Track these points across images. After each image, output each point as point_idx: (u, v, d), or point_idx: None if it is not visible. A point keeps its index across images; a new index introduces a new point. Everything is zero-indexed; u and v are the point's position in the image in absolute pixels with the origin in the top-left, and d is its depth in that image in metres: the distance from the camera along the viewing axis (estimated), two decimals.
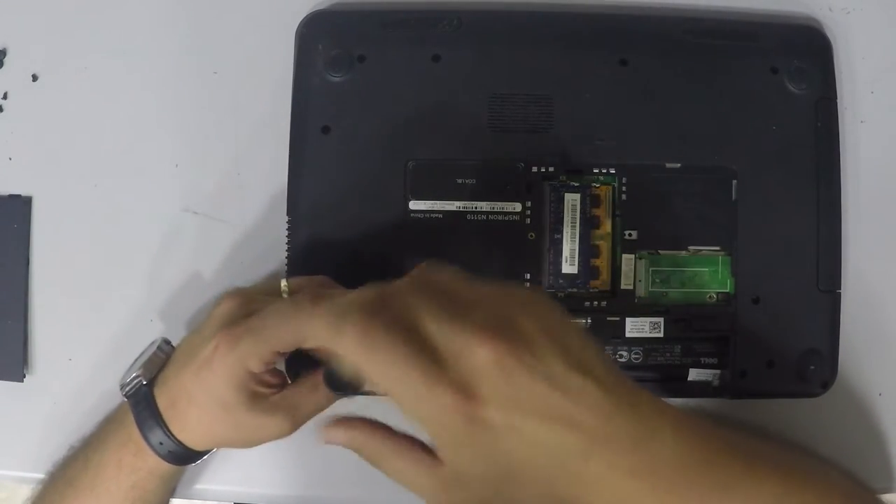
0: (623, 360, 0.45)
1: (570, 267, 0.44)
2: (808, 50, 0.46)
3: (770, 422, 0.47)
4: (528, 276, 0.44)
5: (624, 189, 0.45)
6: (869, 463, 0.47)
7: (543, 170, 0.45)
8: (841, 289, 0.45)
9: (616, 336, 0.45)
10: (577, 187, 0.45)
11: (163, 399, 0.40)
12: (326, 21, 0.46)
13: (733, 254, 0.45)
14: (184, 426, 0.40)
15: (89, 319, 0.47)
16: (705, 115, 0.45)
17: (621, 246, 0.45)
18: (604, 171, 0.45)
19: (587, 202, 0.45)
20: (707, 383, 0.45)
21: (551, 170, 0.45)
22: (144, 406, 0.40)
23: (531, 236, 0.45)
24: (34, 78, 0.48)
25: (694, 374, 0.45)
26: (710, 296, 0.45)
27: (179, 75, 0.48)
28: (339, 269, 0.43)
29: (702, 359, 0.45)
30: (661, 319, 0.45)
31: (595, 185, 0.45)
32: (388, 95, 0.45)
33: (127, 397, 0.41)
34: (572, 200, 0.45)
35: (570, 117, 0.45)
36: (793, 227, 0.45)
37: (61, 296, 0.47)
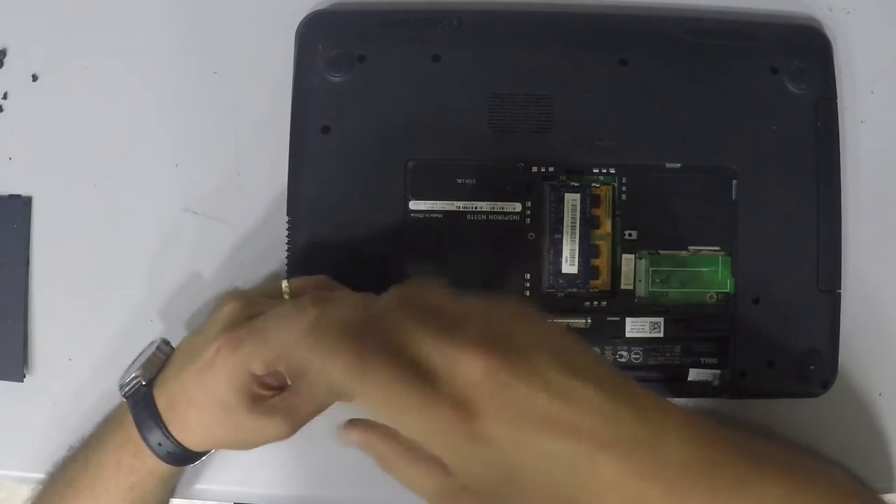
0: (623, 360, 0.45)
1: (570, 267, 0.44)
2: (808, 50, 0.46)
3: (770, 422, 0.47)
4: (528, 276, 0.44)
5: (624, 189, 0.45)
6: (869, 463, 0.47)
7: (543, 170, 0.45)
8: (841, 289, 0.45)
9: (616, 336, 0.45)
10: (577, 187, 0.45)
11: (162, 400, 0.40)
12: (326, 21, 0.46)
13: (733, 254, 0.45)
14: (183, 427, 0.40)
15: (89, 319, 0.47)
16: (705, 115, 0.45)
17: (621, 246, 0.45)
18: (604, 171, 0.45)
19: (587, 202, 0.45)
20: (707, 383, 0.45)
21: (551, 170, 0.45)
22: (143, 407, 0.40)
23: (531, 236, 0.44)
24: (34, 78, 0.48)
25: (694, 374, 0.45)
26: (710, 296, 0.45)
27: (179, 75, 0.48)
28: (340, 269, 0.43)
29: (702, 359, 0.45)
30: (661, 319, 0.45)
31: (595, 185, 0.45)
32: (388, 95, 0.45)
33: (126, 398, 0.41)
34: (572, 200, 0.45)
35: (570, 117, 0.45)
36: (793, 227, 0.45)
37: (61, 296, 0.47)
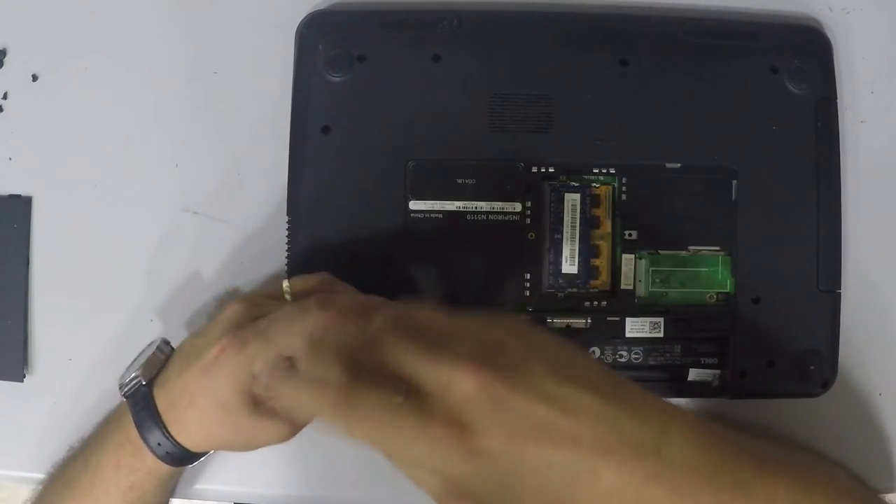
0: (623, 360, 0.45)
1: (570, 267, 0.44)
2: (808, 50, 0.46)
3: (770, 422, 0.47)
4: (528, 276, 0.44)
5: (624, 189, 0.45)
6: (869, 463, 0.47)
7: (543, 170, 0.45)
8: (841, 289, 0.45)
9: (616, 336, 0.45)
10: (577, 187, 0.45)
11: (162, 400, 0.40)
12: (326, 21, 0.46)
13: (733, 254, 0.45)
14: (182, 427, 0.40)
15: (89, 319, 0.47)
16: (705, 115, 0.45)
17: (621, 246, 0.45)
18: (604, 171, 0.45)
19: (587, 202, 0.45)
20: (707, 383, 0.45)
21: (551, 170, 0.45)
22: (143, 406, 0.40)
23: (531, 236, 0.44)
24: (34, 78, 0.48)
25: (694, 374, 0.45)
26: (710, 296, 0.45)
27: (179, 75, 0.48)
28: (340, 269, 0.43)
29: (702, 359, 0.45)
30: (661, 319, 0.45)
31: (595, 185, 0.45)
32: (388, 95, 0.45)
33: (126, 397, 0.41)
34: (572, 200, 0.45)
35: (570, 117, 0.45)
36: (793, 227, 0.45)
37: (61, 296, 0.47)
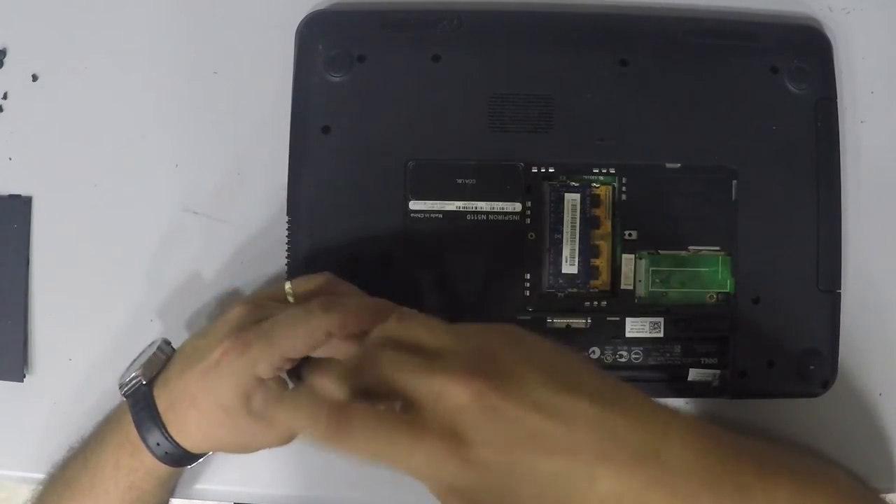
0: (623, 360, 0.45)
1: (570, 267, 0.44)
2: (808, 50, 0.46)
3: (770, 422, 0.47)
4: (528, 276, 0.44)
5: (624, 189, 0.45)
6: (869, 463, 0.47)
7: (543, 170, 0.45)
8: (841, 289, 0.45)
9: (616, 336, 0.45)
10: (577, 187, 0.45)
11: (162, 400, 0.40)
12: (326, 21, 0.46)
13: (733, 254, 0.45)
14: (182, 428, 0.40)
15: (89, 319, 0.47)
16: (705, 115, 0.45)
17: (621, 246, 0.45)
18: (604, 171, 0.45)
19: (587, 202, 0.45)
20: (707, 383, 0.45)
21: (551, 170, 0.45)
22: (143, 406, 0.40)
23: (531, 236, 0.44)
24: (34, 78, 0.48)
25: (694, 374, 0.45)
26: (710, 296, 0.45)
27: (179, 75, 0.48)
28: (340, 269, 0.43)
29: (702, 359, 0.45)
30: (661, 319, 0.45)
31: (595, 185, 0.45)
32: (388, 95, 0.45)
33: (126, 397, 0.41)
34: (572, 200, 0.45)
35: (570, 117, 0.45)
36: (793, 227, 0.45)
37: (61, 296, 0.47)
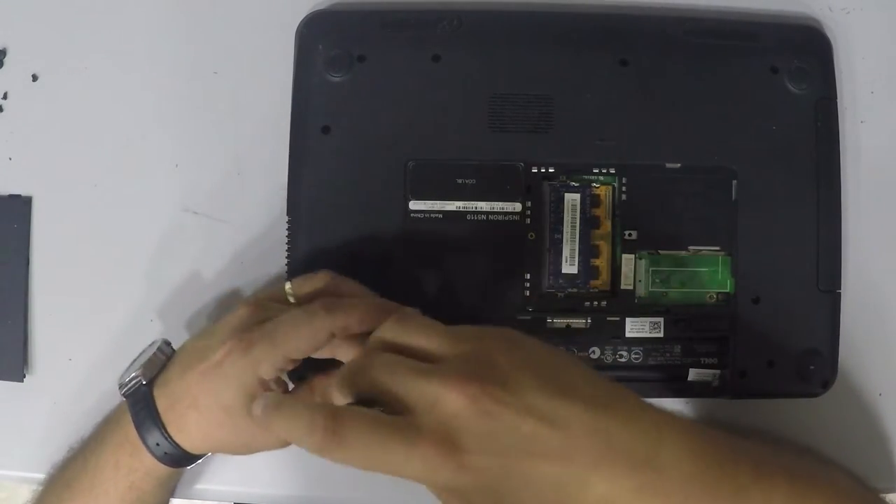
0: (623, 360, 0.45)
1: (570, 267, 0.44)
2: (808, 50, 0.46)
3: (770, 422, 0.47)
4: (528, 276, 0.44)
5: (624, 189, 0.45)
6: (869, 463, 0.47)
7: (543, 170, 0.45)
8: (841, 289, 0.45)
9: (616, 336, 0.45)
10: (577, 187, 0.45)
11: (162, 400, 0.40)
12: (326, 21, 0.46)
13: (733, 254, 0.45)
14: (182, 428, 0.40)
15: (89, 319, 0.47)
16: (705, 115, 0.45)
17: (621, 246, 0.45)
18: (604, 171, 0.45)
19: (587, 202, 0.45)
20: (707, 383, 0.45)
21: (551, 170, 0.45)
22: (143, 406, 0.40)
23: (531, 236, 0.44)
24: (34, 78, 0.48)
25: (694, 374, 0.45)
26: (710, 296, 0.45)
27: (179, 75, 0.48)
28: (340, 269, 0.43)
29: (702, 359, 0.45)
30: (661, 319, 0.45)
31: (595, 185, 0.45)
32: (388, 95, 0.45)
33: (126, 397, 0.41)
34: (572, 200, 0.45)
35: (570, 117, 0.45)
36: (793, 227, 0.45)
37: (61, 296, 0.47)
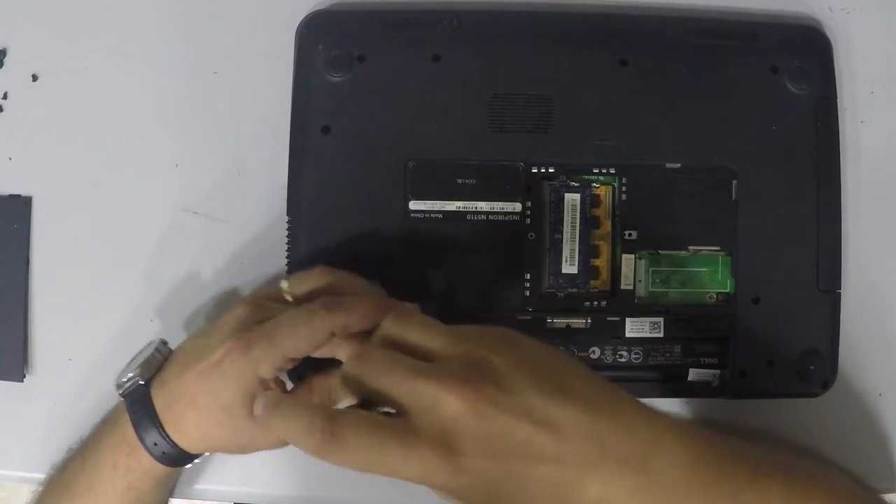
0: (623, 360, 0.45)
1: (570, 267, 0.44)
2: (808, 50, 0.46)
3: (770, 422, 0.47)
4: (528, 276, 0.44)
5: (624, 189, 0.45)
6: (869, 463, 0.47)
7: (543, 170, 0.45)
8: (841, 289, 0.45)
9: (616, 336, 0.45)
10: (577, 187, 0.45)
11: (160, 400, 0.40)
12: (326, 21, 0.46)
13: (733, 254, 0.45)
14: (180, 428, 0.40)
15: (89, 319, 0.47)
16: (705, 115, 0.45)
17: (621, 246, 0.45)
18: (604, 171, 0.45)
19: (587, 202, 0.45)
20: (707, 383, 0.45)
21: (551, 170, 0.45)
22: (140, 406, 0.40)
23: (531, 236, 0.44)
24: (34, 78, 0.48)
25: (694, 374, 0.45)
26: (710, 296, 0.45)
27: (179, 75, 0.48)
28: (340, 269, 0.43)
29: (702, 359, 0.45)
30: (661, 319, 0.45)
31: (595, 185, 0.45)
32: (388, 95, 0.45)
33: (123, 396, 0.41)
34: (572, 200, 0.45)
35: (570, 117, 0.45)
36: (793, 227, 0.45)
37: (61, 296, 0.47)
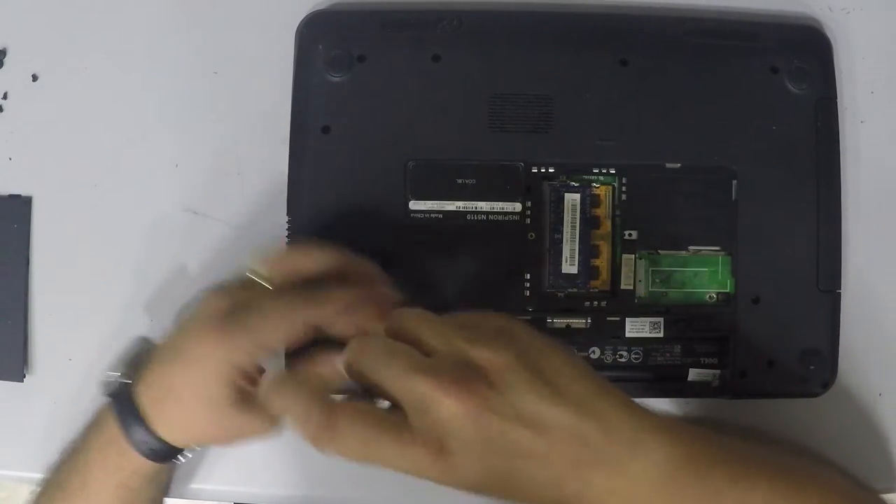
0: (623, 360, 0.45)
1: (570, 267, 0.44)
2: (808, 50, 0.46)
3: (770, 422, 0.47)
4: (528, 276, 0.44)
5: (624, 189, 0.45)
6: (869, 463, 0.47)
7: (543, 170, 0.45)
8: (841, 289, 0.45)
9: (616, 336, 0.45)
10: (577, 187, 0.45)
11: (144, 396, 0.40)
12: (326, 21, 0.46)
13: (733, 254, 0.45)
14: (165, 422, 0.40)
15: (89, 319, 0.47)
16: (705, 115, 0.45)
17: (621, 246, 0.45)
18: (604, 171, 0.45)
19: (587, 202, 0.45)
20: (707, 383, 0.45)
21: (551, 170, 0.45)
22: (126, 404, 0.40)
23: (531, 236, 0.44)
24: (34, 78, 0.48)
25: (694, 374, 0.45)
26: (710, 296, 0.45)
27: (179, 75, 0.48)
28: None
29: (702, 359, 0.45)
30: (661, 319, 0.45)
31: (595, 185, 0.45)
32: (388, 95, 0.45)
33: (108, 396, 0.41)
34: (572, 200, 0.45)
35: (570, 117, 0.45)
36: (793, 227, 0.45)
37: (61, 296, 0.47)
